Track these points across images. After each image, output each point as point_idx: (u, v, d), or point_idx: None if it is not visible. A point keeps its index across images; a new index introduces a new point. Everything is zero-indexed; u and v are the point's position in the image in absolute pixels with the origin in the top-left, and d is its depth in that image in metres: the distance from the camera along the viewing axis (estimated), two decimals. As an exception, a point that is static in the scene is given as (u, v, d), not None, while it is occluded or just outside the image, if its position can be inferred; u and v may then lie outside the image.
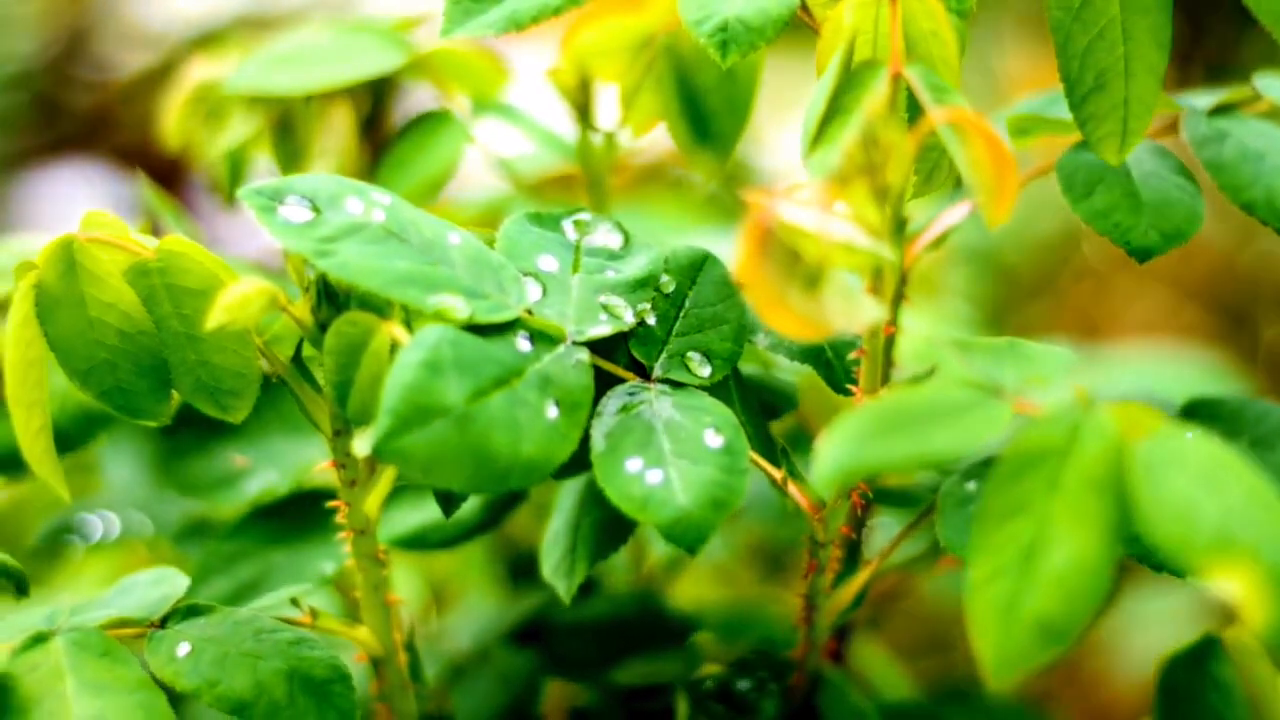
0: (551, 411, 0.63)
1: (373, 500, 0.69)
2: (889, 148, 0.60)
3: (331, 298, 0.67)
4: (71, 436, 0.81)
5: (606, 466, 0.64)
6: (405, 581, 1.01)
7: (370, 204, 0.67)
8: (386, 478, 0.69)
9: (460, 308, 0.63)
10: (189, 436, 0.89)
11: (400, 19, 0.96)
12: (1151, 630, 1.43)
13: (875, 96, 0.62)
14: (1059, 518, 0.53)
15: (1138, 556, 0.66)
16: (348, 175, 0.70)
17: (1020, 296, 1.80)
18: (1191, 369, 1.27)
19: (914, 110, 0.64)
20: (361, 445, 0.59)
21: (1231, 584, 0.51)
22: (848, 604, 0.77)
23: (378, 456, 0.59)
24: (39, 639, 0.66)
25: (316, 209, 0.65)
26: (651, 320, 0.71)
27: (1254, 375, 1.55)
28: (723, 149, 0.88)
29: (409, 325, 0.64)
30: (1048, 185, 0.76)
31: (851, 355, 0.72)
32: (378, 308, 0.65)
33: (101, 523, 0.95)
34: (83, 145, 2.10)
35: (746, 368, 0.83)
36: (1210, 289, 1.82)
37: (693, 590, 1.05)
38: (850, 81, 0.64)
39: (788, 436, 0.84)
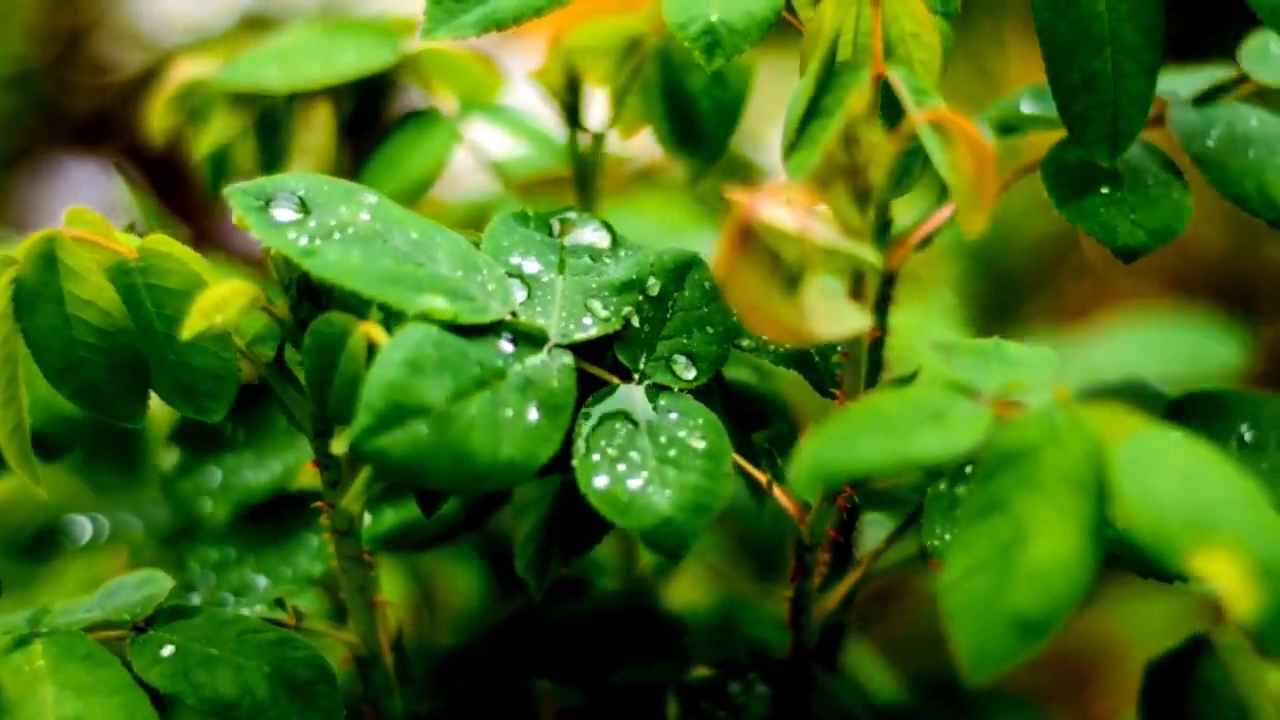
0: (533, 414, 0.62)
1: (353, 500, 0.69)
2: (870, 149, 0.60)
3: (313, 296, 0.66)
4: (56, 443, 0.81)
5: (588, 470, 0.63)
6: (394, 581, 1.01)
7: (356, 204, 0.66)
8: (364, 478, 0.69)
9: (444, 308, 0.63)
10: (184, 449, 0.88)
11: (396, 20, 0.96)
12: (1149, 631, 1.42)
13: (856, 98, 0.61)
14: (1038, 515, 0.53)
15: (1123, 562, 0.66)
16: (329, 174, 0.69)
17: (1018, 294, 1.79)
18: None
19: (896, 112, 0.64)
20: (340, 445, 0.58)
21: (1216, 578, 0.51)
22: (836, 606, 0.77)
23: (356, 454, 0.58)
24: (21, 641, 0.66)
25: (303, 208, 0.65)
26: (637, 323, 0.70)
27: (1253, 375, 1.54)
28: (711, 152, 0.87)
29: (388, 326, 0.64)
30: (1045, 183, 0.76)
31: (835, 358, 0.71)
32: (356, 308, 0.64)
33: (90, 524, 0.95)
34: (82, 146, 2.10)
35: (738, 375, 0.83)
36: (1210, 287, 1.81)
37: (684, 591, 1.05)
38: (831, 83, 0.64)
39: (777, 440, 0.84)
